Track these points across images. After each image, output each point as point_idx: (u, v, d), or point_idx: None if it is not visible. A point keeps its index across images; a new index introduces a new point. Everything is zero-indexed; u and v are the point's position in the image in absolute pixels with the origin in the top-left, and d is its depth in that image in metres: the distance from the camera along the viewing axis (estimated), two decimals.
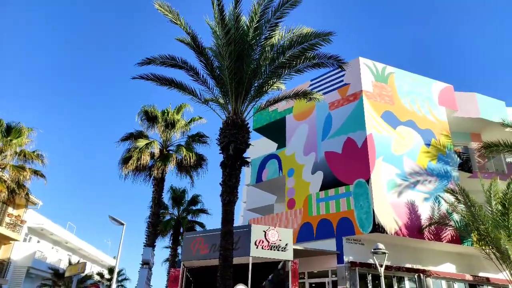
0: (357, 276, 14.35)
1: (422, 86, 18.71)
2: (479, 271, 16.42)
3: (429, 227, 15.05)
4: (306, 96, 13.62)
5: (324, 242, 15.34)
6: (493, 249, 13.69)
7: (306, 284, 15.78)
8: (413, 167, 16.27)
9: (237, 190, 10.77)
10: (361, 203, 14.88)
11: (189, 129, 19.48)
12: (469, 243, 15.34)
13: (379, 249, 11.73)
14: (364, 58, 17.94)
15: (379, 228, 14.20)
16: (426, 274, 15.41)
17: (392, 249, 14.61)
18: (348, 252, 14.74)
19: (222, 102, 12.29)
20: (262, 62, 11.65)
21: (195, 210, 25.93)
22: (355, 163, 15.83)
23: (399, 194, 15.42)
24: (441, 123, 18.09)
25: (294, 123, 19.59)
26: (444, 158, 17.14)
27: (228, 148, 10.83)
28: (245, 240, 12.97)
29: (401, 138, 16.75)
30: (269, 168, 19.71)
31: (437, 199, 15.92)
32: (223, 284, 9.50)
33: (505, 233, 12.92)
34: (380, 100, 17.21)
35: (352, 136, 16.46)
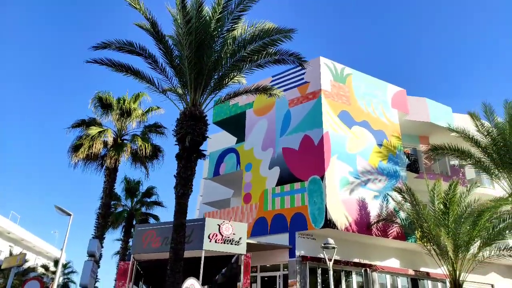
0: (307, 270, 14.73)
1: (377, 89, 19.45)
2: (421, 266, 17.46)
3: (377, 224, 15.75)
4: (267, 92, 13.67)
5: (277, 237, 15.58)
6: (433, 246, 14.57)
7: (258, 277, 15.97)
8: (365, 166, 16.92)
9: (192, 183, 10.61)
10: (314, 199, 15.25)
11: (146, 119, 18.94)
12: (413, 240, 16.24)
13: (329, 244, 12.10)
14: (324, 58, 18.32)
15: (331, 223, 14.64)
16: (372, 269, 16.14)
17: (342, 244, 15.15)
18: (300, 246, 15.08)
19: (180, 93, 12.01)
20: (223, 54, 11.51)
21: (149, 202, 25.33)
22: (311, 160, 16.18)
23: (351, 192, 15.98)
24: (393, 125, 18.93)
25: (254, 118, 19.64)
26: (394, 159, 17.98)
27: (185, 139, 10.62)
28: (199, 234, 12.87)
29: (356, 138, 17.34)
30: (227, 162, 19.65)
31: (386, 197, 16.69)
32: (173, 278, 9.35)
33: (445, 231, 13.79)
34: (338, 100, 17.68)
35: (309, 133, 16.79)
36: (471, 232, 13.74)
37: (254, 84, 13.86)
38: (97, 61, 11.62)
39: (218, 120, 21.50)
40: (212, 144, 23.23)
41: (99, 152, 17.02)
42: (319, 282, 14.98)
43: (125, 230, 24.24)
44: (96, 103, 17.93)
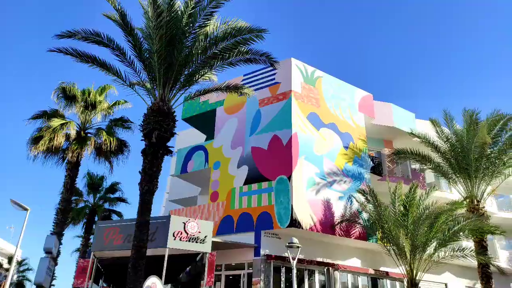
0: (271, 269, 14.86)
1: (346, 92, 19.92)
2: (380, 265, 18.06)
3: (340, 224, 16.14)
4: (238, 91, 13.69)
5: (243, 236, 15.60)
6: (393, 246, 15.10)
7: (222, 276, 15.93)
8: (331, 168, 17.28)
9: (158, 180, 10.42)
10: (281, 199, 15.40)
11: (112, 113, 18.36)
12: (374, 240, 16.77)
13: (293, 243, 12.25)
14: (296, 59, 18.53)
15: (296, 223, 14.84)
16: (334, 268, 16.52)
17: (306, 243, 15.39)
18: (265, 245, 15.19)
19: (149, 87, 11.77)
20: (195, 50, 11.38)
21: (113, 199, 24.60)
22: (279, 160, 16.32)
23: (317, 192, 16.27)
24: (359, 128, 19.46)
25: (224, 116, 19.56)
26: (359, 161, 18.48)
27: (151, 135, 10.41)
28: (163, 231, 12.66)
29: (323, 140, 17.67)
30: (195, 159, 19.45)
31: (350, 199, 17.13)
32: (134, 276, 9.14)
33: (404, 231, 14.34)
34: (307, 102, 17.94)
35: (278, 133, 16.93)
36: (428, 234, 14.36)
37: (225, 82, 13.81)
38: (62, 51, 11.17)
39: (187, 117, 21.23)
40: (181, 141, 22.94)
41: (61, 145, 16.33)
42: (283, 280, 15.16)
43: (86, 227, 23.44)
44: (59, 94, 17.17)
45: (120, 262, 14.19)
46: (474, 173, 16.81)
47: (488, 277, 15.87)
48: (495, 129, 17.44)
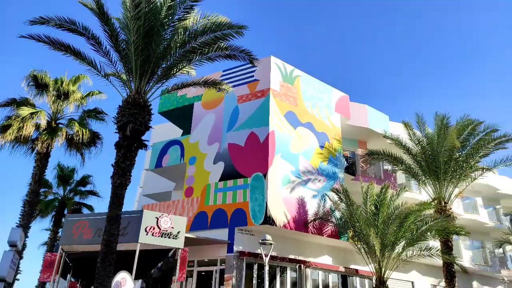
0: (244, 265, 14.91)
1: (323, 93, 20.16)
2: (351, 263, 18.45)
3: (313, 222, 16.36)
4: (216, 86, 13.57)
5: (217, 232, 15.57)
6: (363, 245, 15.45)
7: (195, 272, 15.86)
8: (307, 166, 17.48)
9: (131, 174, 10.22)
10: (256, 196, 15.45)
11: (86, 103, 17.85)
12: (345, 238, 17.11)
13: (266, 240, 12.34)
14: (275, 58, 18.59)
15: (270, 220, 14.94)
16: (306, 265, 16.75)
17: (279, 240, 15.55)
18: (239, 242, 15.21)
19: (124, 79, 11.51)
20: (173, 43, 11.21)
21: (84, 192, 23.95)
22: (255, 157, 16.36)
23: (292, 190, 16.43)
24: (335, 129, 19.76)
25: (202, 112, 19.41)
26: (334, 161, 18.79)
27: (126, 128, 10.19)
28: (135, 226, 12.46)
29: (300, 138, 17.84)
30: (170, 154, 19.21)
31: (324, 197, 17.40)
32: (103, 271, 8.95)
33: (375, 231, 14.70)
34: (285, 100, 18.05)
35: (255, 131, 16.96)
36: (397, 233, 14.78)
37: (204, 77, 13.70)
38: (34, 37, 10.76)
39: (164, 111, 20.92)
40: (156, 135, 22.61)
41: (30, 135, 15.74)
42: (255, 277, 15.24)
43: (55, 220, 22.74)
44: (30, 82, 16.53)
45: (89, 257, 13.87)
46: (442, 175, 17.42)
47: (452, 276, 16.53)
48: (464, 134, 18.11)
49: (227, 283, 14.40)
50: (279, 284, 15.99)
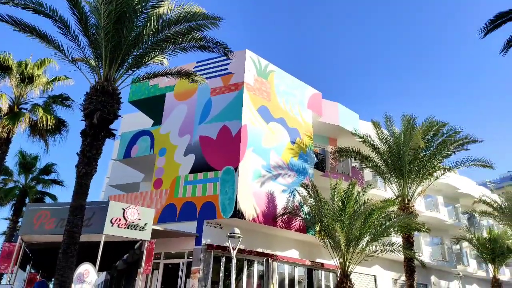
0: (211, 258, 14.90)
1: (296, 89, 20.33)
2: (317, 257, 18.85)
3: (282, 216, 16.55)
4: (189, 77, 13.40)
5: (185, 224, 15.44)
6: (329, 239, 15.80)
7: (161, 264, 15.68)
8: (278, 161, 17.62)
9: (97, 163, 9.93)
10: (226, 189, 15.43)
11: (52, 89, 17.16)
12: (313, 233, 17.44)
13: (235, 234, 12.37)
14: (250, 51, 18.53)
15: (239, 214, 14.98)
16: (273, 259, 16.95)
17: (248, 234, 15.62)
18: (207, 235, 15.17)
19: (93, 65, 11.11)
20: (146, 31, 10.93)
21: (47, 180, 23.06)
22: (227, 150, 16.31)
23: (262, 184, 16.52)
24: (306, 125, 20.00)
25: (174, 102, 19.09)
26: (304, 156, 19.04)
27: (93, 116, 9.87)
28: (100, 217, 12.14)
29: (272, 133, 17.94)
30: (140, 145, 18.81)
31: (293, 192, 17.62)
32: (65, 262, 8.67)
33: (340, 226, 15.07)
34: (259, 95, 18.06)
35: (228, 124, 16.89)
36: (362, 228, 15.21)
37: (177, 67, 13.46)
38: None
39: (134, 100, 20.40)
40: (125, 124, 22.07)
41: None
42: (222, 270, 15.26)
43: (15, 209, 21.79)
44: None
45: (50, 248, 13.42)
46: (407, 174, 18.06)
47: (412, 270, 17.24)
48: (429, 135, 18.81)
49: (194, 276, 14.34)
50: (246, 277, 16.11)
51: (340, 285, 15.08)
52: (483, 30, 9.98)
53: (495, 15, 9.47)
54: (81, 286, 10.17)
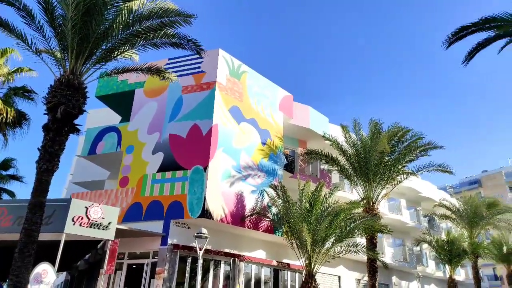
0: (177, 258, 14.70)
1: (268, 90, 20.46)
2: (283, 258, 19.04)
3: (250, 217, 16.60)
4: (160, 74, 13.15)
5: (151, 224, 15.14)
6: (296, 240, 16.01)
7: (125, 264, 15.30)
8: (248, 162, 17.66)
9: (59, 159, 9.53)
10: (195, 189, 15.28)
11: (13, 80, 16.33)
12: (280, 234, 17.59)
13: (202, 234, 12.27)
14: (223, 51, 18.46)
15: (207, 214, 14.87)
16: (240, 259, 16.96)
17: (215, 234, 15.55)
18: (174, 235, 14.95)
19: (59, 57, 10.69)
20: (116, 25, 10.63)
21: (5, 176, 21.90)
22: (196, 149, 16.15)
23: (231, 185, 16.49)
24: (277, 127, 20.17)
25: (143, 99, 18.69)
26: (274, 158, 19.19)
27: (57, 110, 9.47)
28: (61, 215, 11.70)
29: (242, 134, 17.95)
30: (106, 141, 18.27)
31: (262, 193, 17.71)
32: (21, 262, 8.27)
33: (307, 227, 15.30)
34: (231, 95, 18.03)
35: (198, 123, 16.74)
36: (328, 230, 15.52)
37: (148, 64, 13.19)
38: None
39: (102, 95, 19.79)
40: (92, 120, 21.40)
41: None
42: (188, 270, 15.10)
43: None
44: None
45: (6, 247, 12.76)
46: (372, 177, 18.61)
47: (374, 271, 17.79)
48: (394, 140, 19.47)
49: (159, 277, 14.09)
50: (212, 277, 16.02)
51: (305, 285, 15.30)
52: (446, 42, 10.45)
53: (457, 29, 9.95)
54: (39, 286, 9.76)
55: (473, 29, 9.85)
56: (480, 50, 10.59)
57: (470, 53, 10.71)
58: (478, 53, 10.59)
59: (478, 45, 10.48)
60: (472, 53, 10.70)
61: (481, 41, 10.32)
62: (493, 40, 10.19)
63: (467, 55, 10.75)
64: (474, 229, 27.54)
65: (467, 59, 10.80)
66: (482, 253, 28.12)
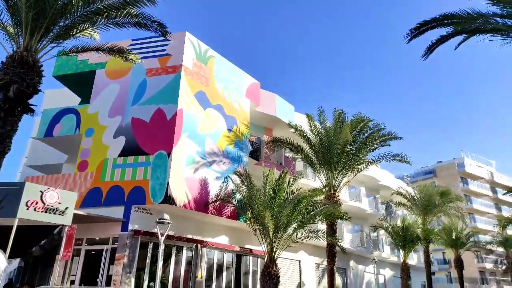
0: (138, 244, 14.48)
1: (235, 77, 20.31)
2: (246, 243, 19.28)
3: (214, 203, 16.60)
4: (123, 55, 12.72)
5: (112, 209, 14.77)
6: (259, 226, 16.20)
7: (82, 250, 14.88)
8: (213, 148, 17.55)
9: (11, 140, 9.02)
10: (157, 174, 15.02)
11: None
12: (243, 220, 17.74)
13: (164, 219, 12.14)
14: (190, 34, 18.04)
15: (170, 200, 14.70)
16: (203, 245, 16.98)
17: (178, 220, 15.46)
18: (135, 220, 14.68)
19: (12, 32, 10.03)
20: (75, 0, 10.10)
21: None
22: (160, 134, 15.83)
23: (195, 171, 16.36)
24: (244, 113, 20.14)
25: (105, 80, 17.97)
26: (240, 145, 19.20)
27: (9, 88, 8.93)
28: (14, 200, 11.13)
29: (208, 119, 17.77)
30: (64, 123, 17.46)
31: (226, 179, 17.72)
32: None
33: (270, 213, 15.52)
34: (197, 80, 17.73)
35: (163, 107, 16.37)
36: (290, 216, 15.82)
37: (109, 43, 12.67)
38: None
39: (60, 74, 18.82)
40: (49, 100, 20.38)
41: None
42: (149, 256, 14.93)
43: None
44: None
45: None
46: (335, 165, 19.10)
47: (333, 256, 18.42)
48: (356, 130, 20.02)
49: (118, 263, 13.84)
50: (174, 263, 15.96)
51: (266, 269, 15.60)
52: (408, 36, 10.79)
53: (418, 23, 10.29)
54: None
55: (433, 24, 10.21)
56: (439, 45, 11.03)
57: (429, 48, 11.12)
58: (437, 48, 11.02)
59: (437, 40, 10.90)
60: (432, 48, 11.12)
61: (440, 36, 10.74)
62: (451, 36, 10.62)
63: (427, 50, 11.15)
64: (427, 216, 29.18)
65: (427, 54, 11.22)
66: (434, 239, 29.88)
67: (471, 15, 9.40)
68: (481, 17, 9.52)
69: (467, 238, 36.56)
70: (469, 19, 9.53)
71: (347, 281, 27.32)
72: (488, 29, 9.66)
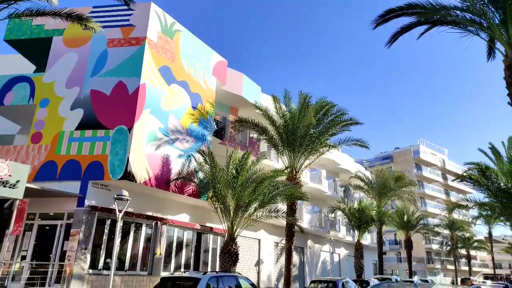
0: (95, 220, 14.12)
1: (203, 53, 19.85)
2: (206, 221, 19.36)
3: (176, 181, 16.43)
4: (82, 22, 12.07)
5: (67, 184, 14.21)
6: (221, 205, 16.30)
7: (35, 225, 14.30)
8: (176, 125, 17.22)
9: None
10: (117, 150, 14.57)
11: None
12: (205, 198, 17.76)
13: (122, 196, 11.87)
14: (156, 5, 17.31)
15: (130, 176, 14.35)
16: (163, 222, 16.86)
17: (138, 197, 15.19)
18: (92, 196, 14.25)
19: None
20: None
21: None
22: (121, 108, 15.27)
23: (157, 148, 16.02)
24: (209, 92, 19.83)
25: (62, 49, 16.95)
26: (204, 123, 18.97)
27: None
28: None
29: (172, 96, 17.34)
30: (16, 92, 16.41)
31: (189, 157, 17.53)
32: None
33: (232, 192, 15.63)
34: (162, 54, 17.15)
35: (124, 80, 15.74)
36: (252, 196, 16.02)
37: (68, 9, 11.91)
38: None
39: (12, 39, 17.52)
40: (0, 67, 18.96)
41: None
42: (106, 233, 14.63)
43: None
44: None
45: None
46: (298, 148, 19.44)
47: (291, 235, 18.99)
48: (320, 114, 20.37)
49: (73, 238, 13.44)
50: (133, 240, 15.76)
51: (225, 247, 15.82)
52: (374, 23, 10.98)
53: (384, 11, 10.49)
54: None
55: (398, 13, 10.45)
56: (402, 33, 11.33)
57: (393, 36, 11.41)
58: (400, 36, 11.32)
59: (401, 29, 11.19)
60: (396, 36, 11.42)
61: (404, 25, 11.02)
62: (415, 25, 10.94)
63: (391, 38, 11.44)
64: (382, 199, 30.66)
65: (390, 42, 11.51)
66: (387, 221, 31.54)
67: (433, 6, 9.68)
68: (443, 9, 9.84)
69: (417, 221, 38.90)
70: (432, 10, 9.83)
71: (304, 259, 28.34)
72: (449, 21, 10.02)
